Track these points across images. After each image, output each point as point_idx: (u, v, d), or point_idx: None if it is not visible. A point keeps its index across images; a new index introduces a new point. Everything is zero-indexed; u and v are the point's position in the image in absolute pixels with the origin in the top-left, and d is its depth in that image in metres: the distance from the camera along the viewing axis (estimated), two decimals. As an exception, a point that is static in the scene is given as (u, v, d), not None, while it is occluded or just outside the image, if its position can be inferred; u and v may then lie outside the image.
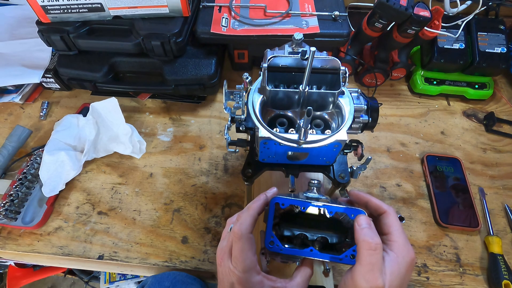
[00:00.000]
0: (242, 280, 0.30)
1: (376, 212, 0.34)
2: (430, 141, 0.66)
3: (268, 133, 0.36)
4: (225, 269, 0.31)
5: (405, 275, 0.29)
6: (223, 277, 0.32)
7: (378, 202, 0.34)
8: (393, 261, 0.29)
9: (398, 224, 0.32)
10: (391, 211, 0.33)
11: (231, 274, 0.30)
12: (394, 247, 0.30)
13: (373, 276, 0.28)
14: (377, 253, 0.28)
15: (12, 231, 0.54)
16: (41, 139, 0.65)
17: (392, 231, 0.31)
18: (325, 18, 0.65)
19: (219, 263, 0.32)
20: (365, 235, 0.29)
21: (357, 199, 0.36)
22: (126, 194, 0.58)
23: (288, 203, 0.34)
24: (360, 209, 0.33)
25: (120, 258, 0.51)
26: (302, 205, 0.34)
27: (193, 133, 0.66)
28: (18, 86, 0.69)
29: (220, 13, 0.65)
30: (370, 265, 0.28)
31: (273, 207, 0.34)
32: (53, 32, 0.60)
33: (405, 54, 0.70)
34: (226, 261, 0.31)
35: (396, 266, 0.29)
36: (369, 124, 0.42)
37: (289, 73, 0.40)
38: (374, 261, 0.28)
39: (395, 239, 0.31)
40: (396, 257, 0.30)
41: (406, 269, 0.30)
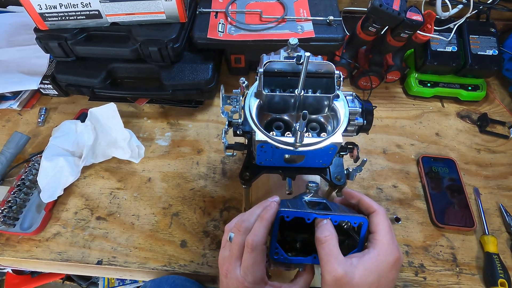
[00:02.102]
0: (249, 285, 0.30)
1: (366, 211, 0.35)
2: (425, 143, 0.67)
3: (265, 137, 0.37)
4: (232, 280, 0.31)
5: (386, 273, 0.30)
6: (228, 286, 0.32)
7: (369, 201, 0.35)
8: (372, 258, 0.30)
9: (386, 223, 0.33)
10: (380, 211, 0.34)
11: (240, 285, 0.30)
12: (377, 246, 0.31)
13: (331, 266, 0.29)
14: (327, 244, 0.30)
15: (10, 237, 0.54)
16: (39, 145, 0.65)
17: (378, 230, 0.32)
18: (320, 23, 0.66)
19: (225, 274, 0.32)
20: (317, 233, 0.31)
21: (350, 198, 0.37)
22: (125, 199, 0.58)
23: (292, 215, 0.33)
24: (363, 216, 0.34)
25: (119, 263, 0.51)
26: (307, 216, 0.33)
27: (191, 138, 0.67)
28: (16, 93, 0.69)
29: (216, 19, 0.66)
30: (326, 257, 0.30)
31: (278, 221, 0.33)
32: (51, 39, 0.60)
33: (399, 57, 0.71)
34: (233, 271, 0.31)
35: (373, 263, 0.30)
36: (364, 127, 0.43)
37: (284, 77, 0.41)
38: (327, 252, 0.30)
39: (379, 238, 0.32)
40: (376, 255, 0.30)
41: (387, 268, 0.30)
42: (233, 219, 0.36)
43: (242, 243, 0.32)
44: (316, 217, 0.33)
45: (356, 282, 0.28)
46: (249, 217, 0.34)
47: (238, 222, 0.33)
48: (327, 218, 0.34)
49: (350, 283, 0.28)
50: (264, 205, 0.34)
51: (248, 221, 0.33)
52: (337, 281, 0.28)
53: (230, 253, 0.32)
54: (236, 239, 0.33)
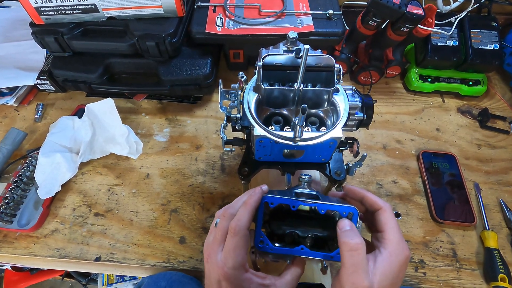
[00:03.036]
0: (231, 276, 0.29)
1: (371, 207, 0.34)
2: (426, 138, 0.66)
3: (264, 131, 0.36)
4: (212, 265, 0.31)
5: (398, 273, 0.29)
6: (210, 273, 0.31)
7: (374, 198, 0.34)
8: (385, 260, 0.29)
9: (394, 221, 0.32)
10: (387, 208, 0.33)
11: (219, 270, 0.30)
12: (388, 245, 0.30)
13: (358, 278, 0.27)
14: (358, 253, 0.28)
15: (8, 234, 0.54)
16: (36, 141, 0.65)
17: (387, 229, 0.31)
18: (319, 17, 0.65)
19: (206, 259, 0.32)
20: (345, 237, 0.29)
21: (353, 195, 0.36)
22: (123, 195, 0.58)
23: (277, 202, 0.33)
24: (352, 206, 0.33)
25: (118, 259, 0.51)
26: (292, 203, 0.33)
27: (190, 133, 0.66)
28: (13, 89, 0.69)
29: (215, 13, 0.66)
30: (353, 267, 0.28)
31: (262, 206, 0.33)
32: (47, 33, 0.60)
33: (400, 52, 0.71)
34: (214, 256, 0.31)
35: (388, 265, 0.29)
36: (364, 121, 0.42)
37: (283, 71, 0.41)
38: (356, 262, 0.28)
39: (389, 237, 0.31)
40: (389, 255, 0.29)
41: (399, 268, 0.29)
42: (224, 206, 0.36)
43: (226, 228, 0.31)
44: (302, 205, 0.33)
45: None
46: (235, 203, 0.34)
47: (224, 208, 0.33)
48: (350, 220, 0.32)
49: None
50: (250, 192, 0.34)
51: (233, 208, 0.33)
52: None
53: (214, 238, 0.32)
54: (220, 225, 0.32)
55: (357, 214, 0.32)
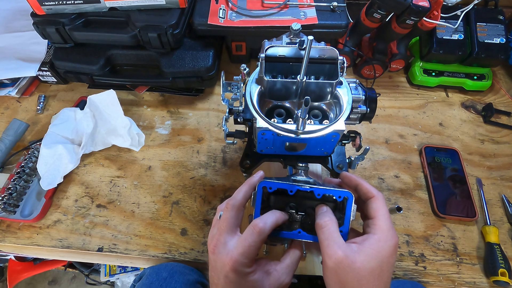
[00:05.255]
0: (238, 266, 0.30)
1: (365, 196, 0.35)
2: (429, 133, 0.66)
3: (266, 124, 0.36)
4: (220, 256, 0.31)
5: (388, 259, 0.30)
6: (216, 264, 0.32)
7: (368, 187, 0.35)
8: (373, 244, 0.30)
9: (385, 209, 0.33)
10: (379, 196, 0.34)
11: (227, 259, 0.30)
12: (377, 231, 0.31)
13: (331, 249, 0.29)
14: (327, 228, 0.31)
15: (11, 224, 0.54)
16: (38, 132, 0.65)
17: (378, 215, 0.32)
18: (323, 9, 0.64)
19: (212, 250, 0.32)
20: (318, 219, 0.32)
21: (348, 181, 0.37)
22: (125, 187, 0.58)
23: (275, 186, 0.34)
24: (347, 190, 0.34)
25: (120, 250, 0.52)
26: (290, 188, 0.34)
27: (191, 126, 0.66)
28: (14, 80, 0.69)
29: (217, 4, 0.65)
30: (326, 241, 0.30)
31: (261, 191, 0.34)
32: (48, 24, 0.59)
33: (404, 45, 0.70)
34: (222, 247, 0.31)
35: (375, 249, 0.30)
36: (367, 115, 0.42)
37: (286, 63, 0.40)
38: (327, 236, 0.30)
39: (379, 223, 0.32)
40: (377, 240, 0.30)
41: (388, 253, 0.30)
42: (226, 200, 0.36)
43: (230, 219, 0.32)
44: (299, 189, 0.34)
45: (358, 266, 0.28)
46: (236, 195, 0.34)
47: (226, 201, 0.34)
48: (326, 205, 0.33)
49: (351, 266, 0.28)
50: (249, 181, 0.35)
51: (235, 199, 0.34)
52: (338, 264, 0.28)
53: (219, 229, 0.33)
54: (223, 216, 0.33)
55: (351, 198, 0.33)
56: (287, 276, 0.32)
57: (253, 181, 0.35)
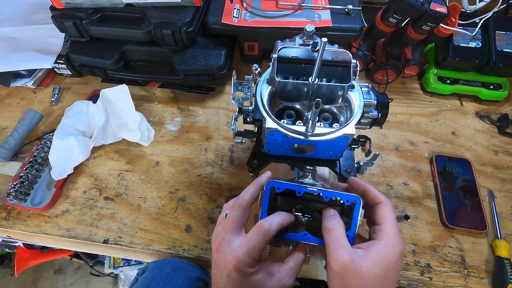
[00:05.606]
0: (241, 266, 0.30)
1: (372, 201, 0.34)
2: (440, 141, 0.64)
3: (276, 124, 0.36)
4: (223, 254, 0.31)
5: (393, 265, 0.30)
6: (219, 262, 0.32)
7: (375, 192, 0.34)
8: (379, 250, 0.30)
9: (392, 216, 0.32)
10: (387, 203, 0.33)
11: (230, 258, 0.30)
12: (384, 237, 0.31)
13: (337, 253, 0.29)
14: (334, 232, 0.30)
15: (21, 212, 0.55)
16: (51, 123, 0.66)
17: (385, 222, 0.32)
18: (338, 12, 0.63)
19: (216, 248, 0.32)
20: (325, 222, 0.32)
21: (356, 186, 0.36)
22: (133, 181, 0.59)
23: (283, 187, 0.34)
24: (355, 195, 0.33)
25: (125, 243, 0.52)
26: (298, 189, 0.34)
27: (201, 124, 0.67)
28: (31, 71, 0.70)
29: (232, 4, 0.65)
30: (332, 244, 0.30)
31: (268, 191, 0.34)
32: (66, 18, 0.60)
33: (419, 51, 0.69)
34: (226, 245, 0.31)
35: (381, 256, 0.29)
36: (378, 120, 0.41)
37: (299, 64, 0.40)
38: (334, 239, 0.30)
39: (386, 229, 0.31)
40: (384, 246, 0.30)
41: (394, 260, 0.30)
42: (233, 199, 0.37)
43: (236, 219, 0.32)
44: (307, 191, 0.34)
45: (363, 272, 0.28)
46: (243, 194, 0.34)
47: (233, 200, 0.34)
48: (333, 209, 0.33)
49: (357, 271, 0.28)
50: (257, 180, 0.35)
51: (242, 198, 0.34)
52: (344, 267, 0.28)
53: (224, 228, 0.33)
54: (229, 215, 0.33)
55: (359, 203, 0.33)
56: (289, 279, 0.32)
57: (261, 181, 0.35)
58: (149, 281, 0.42)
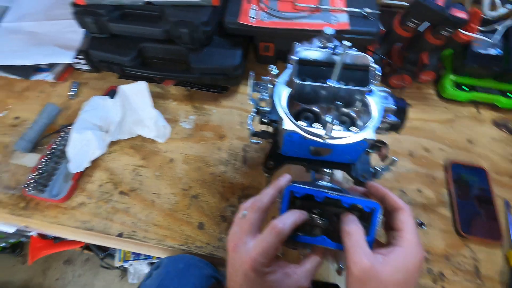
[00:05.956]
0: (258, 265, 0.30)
1: (391, 207, 0.34)
2: (456, 149, 0.64)
3: (294, 126, 0.36)
4: (240, 254, 0.31)
5: (413, 273, 0.29)
6: (235, 262, 0.32)
7: (395, 198, 0.34)
8: (400, 256, 0.30)
9: (412, 222, 0.32)
10: (407, 209, 0.33)
11: (247, 258, 0.30)
12: (404, 244, 0.30)
13: (357, 257, 0.29)
14: (354, 236, 0.30)
15: (39, 202, 0.57)
16: (69, 117, 0.68)
17: (405, 228, 0.31)
18: (355, 15, 0.63)
19: (232, 248, 0.33)
20: (344, 225, 0.32)
21: (375, 192, 0.36)
22: (147, 177, 0.59)
23: (303, 191, 0.34)
24: (375, 201, 0.33)
25: (139, 237, 0.53)
26: (318, 194, 0.34)
27: (214, 123, 0.67)
28: (51, 65, 0.72)
29: (248, 4, 0.65)
30: (352, 248, 0.29)
31: (288, 195, 0.34)
32: (87, 14, 0.62)
33: (436, 56, 0.68)
34: (242, 246, 0.32)
35: (402, 262, 0.29)
36: (396, 125, 0.41)
37: (317, 67, 0.40)
38: (353, 243, 0.30)
39: (406, 236, 0.31)
40: (404, 253, 0.30)
41: (414, 267, 0.30)
42: (249, 199, 0.37)
43: (253, 220, 0.33)
44: (327, 196, 0.33)
45: (384, 278, 0.28)
46: (262, 197, 0.34)
47: (252, 201, 0.34)
48: (352, 214, 0.33)
49: (376, 277, 0.28)
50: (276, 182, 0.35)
51: (261, 201, 0.34)
52: (364, 273, 0.28)
53: (241, 229, 0.33)
54: (247, 216, 0.33)
55: (379, 209, 0.33)
56: (306, 281, 0.32)
57: (280, 184, 0.35)
58: (163, 276, 0.43)
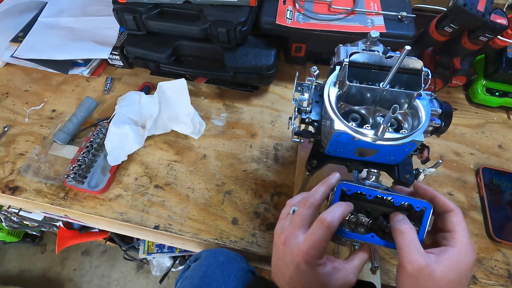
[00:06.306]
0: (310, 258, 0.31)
1: (441, 208, 0.34)
2: (486, 154, 0.64)
3: (344, 127, 0.37)
4: (291, 247, 0.32)
5: (466, 272, 0.30)
6: (285, 256, 0.33)
7: (445, 200, 0.35)
8: (453, 257, 0.30)
9: (464, 224, 0.33)
10: (458, 211, 0.34)
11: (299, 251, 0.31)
12: (456, 245, 0.31)
13: (413, 256, 0.29)
14: (408, 235, 0.31)
15: (78, 193, 0.58)
16: (104, 111, 0.70)
17: (458, 230, 0.32)
18: (390, 18, 0.64)
19: (283, 242, 0.33)
20: (396, 225, 0.32)
21: (423, 193, 0.37)
22: (181, 172, 0.61)
23: (354, 189, 0.35)
24: (426, 201, 0.34)
25: (174, 230, 0.54)
26: (369, 193, 0.35)
27: (245, 121, 0.68)
28: (87, 60, 0.74)
29: (284, 5, 0.66)
30: (406, 247, 0.30)
31: (339, 193, 0.35)
32: (127, 11, 0.63)
33: (468, 61, 0.68)
34: (294, 239, 0.33)
35: (455, 262, 0.30)
36: (440, 129, 0.42)
37: (364, 69, 0.41)
38: (408, 242, 0.30)
39: (459, 237, 0.31)
40: (457, 253, 0.30)
41: (467, 267, 0.30)
42: (296, 195, 0.38)
43: (305, 215, 0.34)
44: (378, 195, 0.34)
45: (438, 276, 0.28)
46: (315, 194, 0.35)
47: (304, 197, 0.35)
48: (402, 213, 0.34)
49: (431, 275, 0.28)
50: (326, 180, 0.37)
51: (314, 198, 0.35)
52: (419, 271, 0.29)
53: (292, 223, 0.34)
54: (299, 211, 0.34)
55: (430, 209, 0.33)
56: (354, 276, 0.33)
57: (331, 182, 0.36)
58: (206, 268, 0.44)
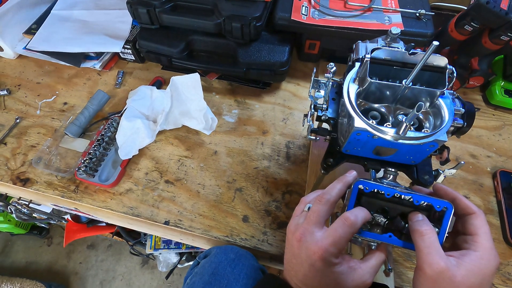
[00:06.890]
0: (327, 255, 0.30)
1: (463, 211, 0.33)
2: (504, 156, 0.62)
3: (365, 125, 0.36)
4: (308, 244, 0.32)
5: (488, 277, 0.29)
6: (300, 252, 0.32)
7: (467, 203, 0.34)
8: (475, 261, 0.29)
9: (487, 227, 0.32)
10: (480, 214, 0.33)
11: (316, 248, 0.31)
12: (478, 248, 0.30)
13: (433, 258, 0.29)
14: (429, 237, 0.30)
15: (88, 186, 0.58)
16: (115, 105, 0.69)
17: (480, 233, 0.31)
18: (408, 16, 0.62)
19: (299, 238, 0.33)
20: (416, 226, 0.31)
21: (444, 194, 0.36)
22: (192, 168, 0.60)
23: (372, 187, 0.34)
24: (447, 201, 0.33)
25: (184, 226, 0.54)
26: (387, 191, 0.34)
27: (257, 118, 0.67)
28: (99, 54, 0.73)
29: (300, 1, 0.65)
30: (426, 249, 0.29)
31: (356, 190, 0.34)
32: (141, 5, 0.62)
33: (487, 62, 0.66)
34: (310, 236, 0.32)
35: (476, 266, 0.29)
36: (462, 129, 0.41)
37: (385, 66, 0.40)
38: (428, 244, 0.29)
39: (481, 241, 0.30)
40: (479, 258, 0.29)
41: (490, 272, 0.29)
42: (311, 193, 0.38)
43: (321, 211, 0.33)
44: (397, 193, 0.33)
45: (459, 280, 0.28)
46: (331, 190, 0.35)
47: (320, 194, 0.35)
48: (421, 213, 0.33)
49: (451, 279, 0.28)
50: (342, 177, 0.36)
51: (330, 194, 0.34)
52: (439, 274, 0.28)
53: (307, 219, 0.33)
54: (314, 207, 0.34)
55: (451, 209, 0.32)
56: (370, 276, 0.33)
57: (348, 180, 0.35)
58: (216, 265, 0.44)
